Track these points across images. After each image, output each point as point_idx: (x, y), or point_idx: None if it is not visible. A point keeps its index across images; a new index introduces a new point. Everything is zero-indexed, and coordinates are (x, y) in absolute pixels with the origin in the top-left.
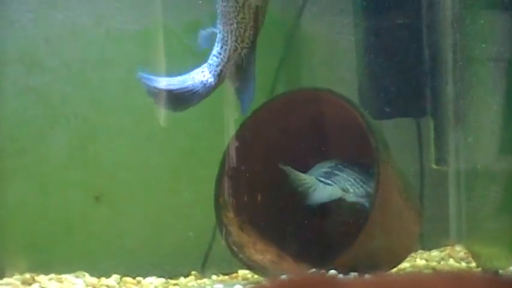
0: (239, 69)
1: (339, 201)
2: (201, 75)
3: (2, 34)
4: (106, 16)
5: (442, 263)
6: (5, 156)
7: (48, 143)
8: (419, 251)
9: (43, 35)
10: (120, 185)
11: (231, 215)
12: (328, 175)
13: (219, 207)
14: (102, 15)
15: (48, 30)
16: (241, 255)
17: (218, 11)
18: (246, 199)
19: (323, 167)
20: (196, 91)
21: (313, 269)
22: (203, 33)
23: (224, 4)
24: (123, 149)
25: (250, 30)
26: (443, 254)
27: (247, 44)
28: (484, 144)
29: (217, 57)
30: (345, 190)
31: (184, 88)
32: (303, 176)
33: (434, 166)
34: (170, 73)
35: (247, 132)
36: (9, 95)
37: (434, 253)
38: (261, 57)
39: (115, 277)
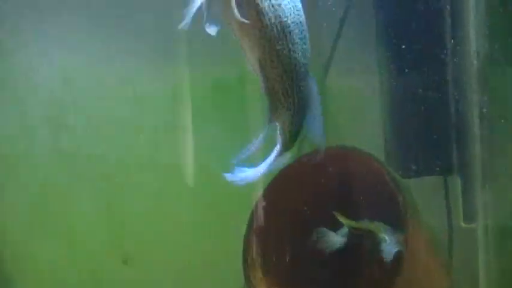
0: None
1: (373, 258)
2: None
3: (29, 97)
4: (133, 76)
5: None
6: (34, 216)
7: (75, 204)
8: None
9: (70, 97)
10: (147, 246)
11: (259, 275)
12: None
13: (247, 266)
14: (129, 75)
15: (75, 92)
16: None
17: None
18: (274, 259)
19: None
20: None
21: None
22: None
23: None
24: (150, 209)
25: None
26: None
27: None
28: None
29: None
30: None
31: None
32: (373, 227)
33: (462, 224)
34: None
35: (274, 191)
36: (36, 157)
37: None
38: None
39: None
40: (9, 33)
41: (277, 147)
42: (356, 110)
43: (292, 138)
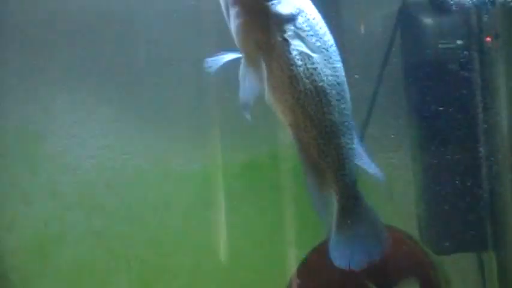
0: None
1: None
2: None
3: (62, 179)
4: (165, 157)
5: None
6: None
7: (111, 284)
8: None
9: (104, 180)
10: None
11: None
12: None
13: None
14: (161, 156)
15: (109, 175)
16: None
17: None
18: None
19: None
20: None
21: None
22: None
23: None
24: None
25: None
26: None
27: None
28: None
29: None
30: None
31: None
32: None
33: None
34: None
35: (307, 270)
36: (70, 239)
37: None
38: None
39: None
40: (41, 118)
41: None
42: (389, 189)
43: (348, 187)
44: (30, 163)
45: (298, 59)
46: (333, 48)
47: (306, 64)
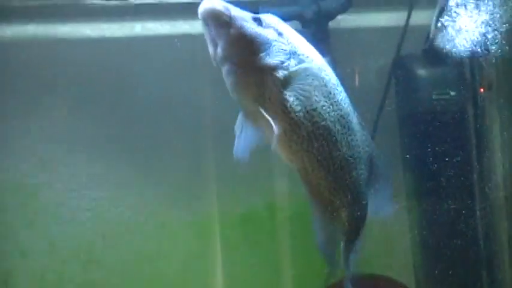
0: None
1: None
2: None
3: (58, 233)
4: (161, 209)
5: None
6: None
7: None
8: None
9: (100, 232)
10: None
11: None
12: None
13: None
14: (157, 208)
15: (105, 227)
16: None
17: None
18: None
19: None
20: None
21: None
22: None
23: None
24: None
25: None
26: None
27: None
28: None
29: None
30: None
31: None
32: None
33: None
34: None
35: None
36: None
37: None
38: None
39: None
40: (36, 170)
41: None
42: (385, 238)
43: (357, 226)
44: (27, 216)
45: (296, 105)
46: (332, 82)
47: (305, 107)
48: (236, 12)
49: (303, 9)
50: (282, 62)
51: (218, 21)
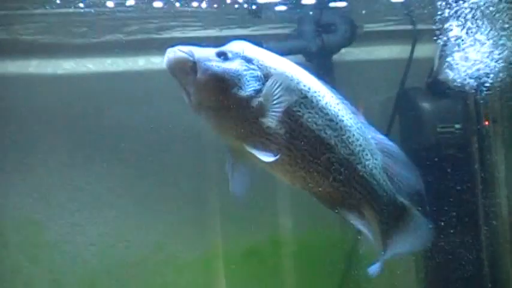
0: None
1: None
2: None
3: (62, 267)
4: (165, 244)
5: None
6: None
7: None
8: None
9: (104, 267)
10: None
11: None
12: None
13: None
14: (161, 243)
15: (109, 262)
16: None
17: None
18: None
19: None
20: None
21: None
22: None
23: None
24: None
25: None
26: None
27: None
28: None
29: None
30: None
31: None
32: None
33: None
34: None
35: None
36: None
37: None
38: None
39: None
40: (43, 208)
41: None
42: (390, 271)
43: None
44: (30, 252)
45: (280, 128)
46: (313, 89)
47: (289, 126)
48: (200, 53)
49: (307, 43)
50: (255, 90)
51: (183, 69)
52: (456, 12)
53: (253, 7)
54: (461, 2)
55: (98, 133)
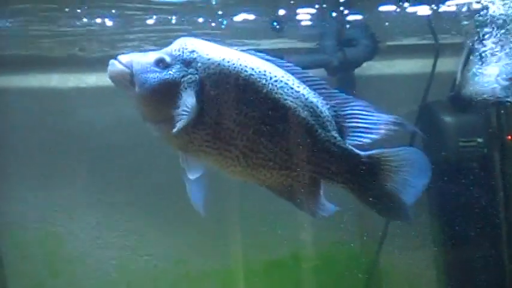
0: None
1: None
2: None
3: (83, 281)
4: (185, 258)
5: None
6: None
7: None
8: None
9: (125, 281)
10: None
11: None
12: None
13: None
14: (181, 257)
15: (130, 276)
16: None
17: None
18: None
19: None
20: None
21: None
22: None
23: None
24: None
25: None
26: None
27: None
28: None
29: None
30: None
31: None
32: None
33: None
34: None
35: None
36: None
37: None
38: None
39: None
40: (64, 221)
41: None
42: (411, 285)
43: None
44: (51, 266)
45: (216, 133)
46: (257, 82)
47: (228, 129)
48: (138, 64)
49: (329, 57)
50: (191, 98)
51: (123, 83)
52: (479, 25)
53: (275, 24)
54: (484, 15)
55: (120, 147)
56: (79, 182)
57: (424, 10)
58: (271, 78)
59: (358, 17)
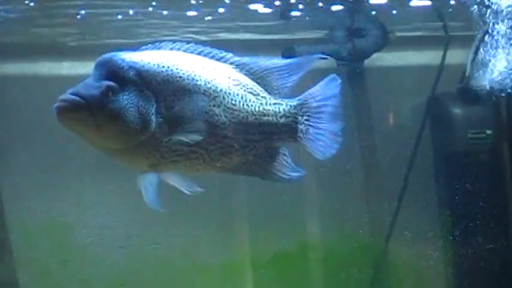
0: None
1: None
2: None
3: (94, 271)
4: (193, 248)
5: None
6: None
7: None
8: None
9: (133, 270)
10: None
11: None
12: None
13: None
14: (189, 247)
15: (138, 265)
16: None
17: None
18: None
19: None
20: None
21: None
22: None
23: None
24: None
25: None
26: None
27: None
28: None
29: None
30: None
31: None
32: None
33: None
34: None
35: None
36: None
37: None
38: None
39: None
40: (72, 210)
41: None
42: (418, 276)
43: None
44: (60, 254)
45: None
46: (184, 71)
47: (185, 121)
48: (90, 98)
49: (339, 48)
50: (153, 116)
51: (79, 119)
52: (489, 18)
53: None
54: (494, 7)
55: None
56: (88, 171)
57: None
58: (198, 68)
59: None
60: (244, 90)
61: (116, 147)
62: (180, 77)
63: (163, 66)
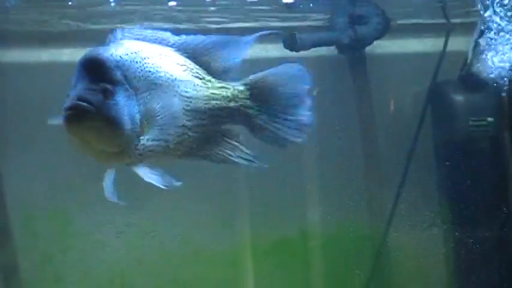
0: None
1: None
2: None
3: (94, 258)
4: (193, 236)
5: None
6: None
7: None
8: None
9: (135, 258)
10: None
11: None
12: None
13: None
14: (189, 235)
15: (138, 252)
16: None
17: None
18: None
19: None
20: None
21: None
22: None
23: None
24: None
25: None
26: None
27: None
28: None
29: None
30: None
31: None
32: None
33: None
34: None
35: None
36: None
37: None
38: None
39: None
40: (71, 197)
41: None
42: (418, 266)
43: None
44: (60, 242)
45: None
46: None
47: (157, 114)
48: (96, 100)
49: (340, 35)
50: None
51: (89, 126)
52: (491, 5)
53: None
54: None
55: None
56: (87, 159)
57: None
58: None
59: None
60: (192, 76)
61: (114, 150)
62: (149, 71)
63: (138, 62)
